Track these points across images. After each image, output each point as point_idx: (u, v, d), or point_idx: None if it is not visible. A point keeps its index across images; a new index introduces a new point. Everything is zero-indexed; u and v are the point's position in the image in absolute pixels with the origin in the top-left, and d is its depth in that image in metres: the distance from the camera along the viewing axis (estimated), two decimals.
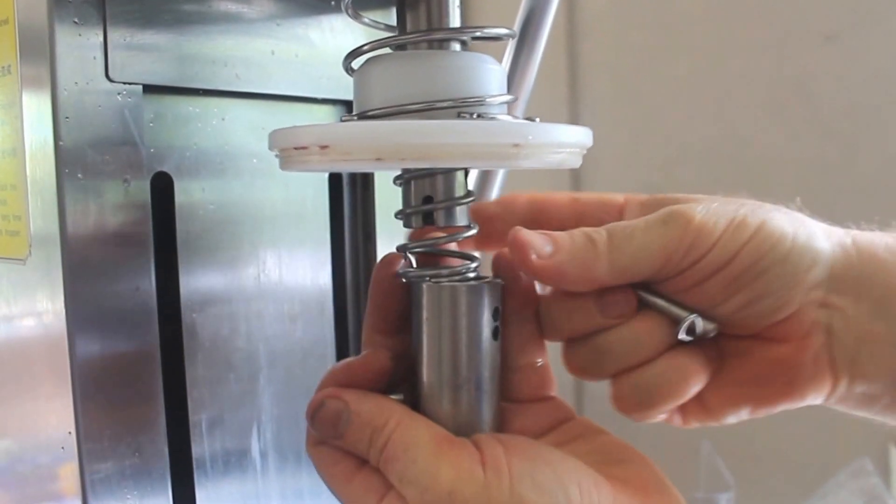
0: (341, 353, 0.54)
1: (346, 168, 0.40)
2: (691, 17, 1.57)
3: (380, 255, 0.54)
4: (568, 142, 0.35)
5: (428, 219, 0.38)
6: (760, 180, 1.52)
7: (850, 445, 1.41)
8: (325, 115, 0.52)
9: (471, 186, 0.58)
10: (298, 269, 0.52)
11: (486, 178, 0.58)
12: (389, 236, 0.55)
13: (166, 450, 0.44)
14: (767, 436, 1.54)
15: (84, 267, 0.41)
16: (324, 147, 0.34)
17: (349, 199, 0.54)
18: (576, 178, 1.71)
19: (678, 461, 1.52)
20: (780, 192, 1.43)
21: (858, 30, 1.43)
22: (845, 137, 1.45)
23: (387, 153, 0.32)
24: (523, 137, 0.33)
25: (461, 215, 0.38)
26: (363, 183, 0.55)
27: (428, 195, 0.38)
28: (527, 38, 0.50)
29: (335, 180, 0.54)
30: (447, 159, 0.32)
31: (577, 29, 1.69)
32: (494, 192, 0.59)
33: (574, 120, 1.69)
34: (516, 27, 0.51)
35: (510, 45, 0.54)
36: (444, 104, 0.36)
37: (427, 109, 0.36)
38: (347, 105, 0.52)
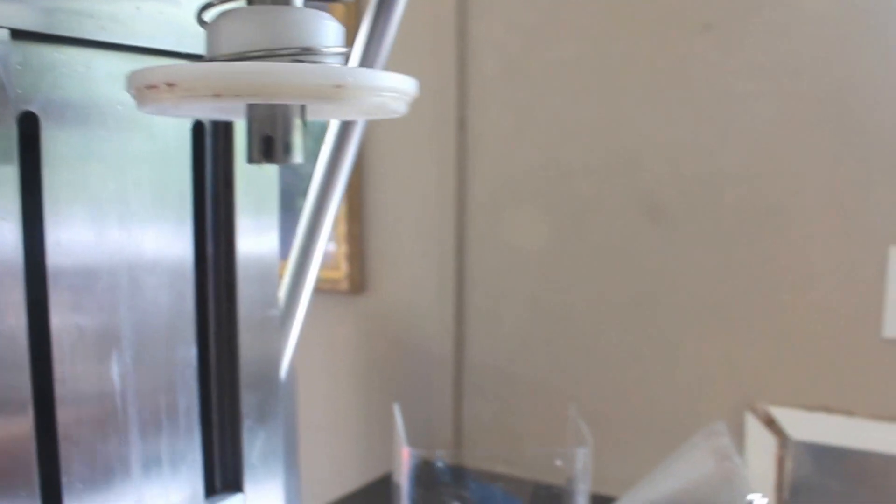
0: (200, 291, 0.58)
1: (194, 107, 0.44)
2: (578, 2, 1.63)
3: (238, 199, 0.59)
4: (387, 86, 0.40)
5: (269, 154, 0.42)
6: (638, 162, 1.60)
7: (710, 411, 1.50)
8: None
9: (331, 138, 0.63)
10: (162, 212, 0.55)
11: (345, 130, 0.63)
12: (248, 183, 0.59)
13: (32, 413, 0.47)
14: (631, 402, 1.62)
15: None
16: (171, 85, 0.38)
17: (211, 147, 0.58)
18: (462, 155, 1.76)
19: (551, 422, 1.59)
20: (656, 173, 1.52)
21: (734, 20, 1.51)
22: (719, 122, 1.53)
23: (224, 89, 0.37)
24: (344, 79, 0.38)
25: (297, 152, 0.42)
26: (225, 134, 0.59)
27: (268, 134, 0.42)
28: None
29: (198, 130, 0.58)
30: (277, 95, 0.37)
31: (467, 9, 1.74)
32: (353, 146, 0.64)
33: (463, 99, 1.75)
34: None
35: (370, 8, 0.58)
36: (282, 52, 0.40)
37: (266, 56, 0.40)
38: None
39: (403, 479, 1.18)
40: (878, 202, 1.40)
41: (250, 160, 0.43)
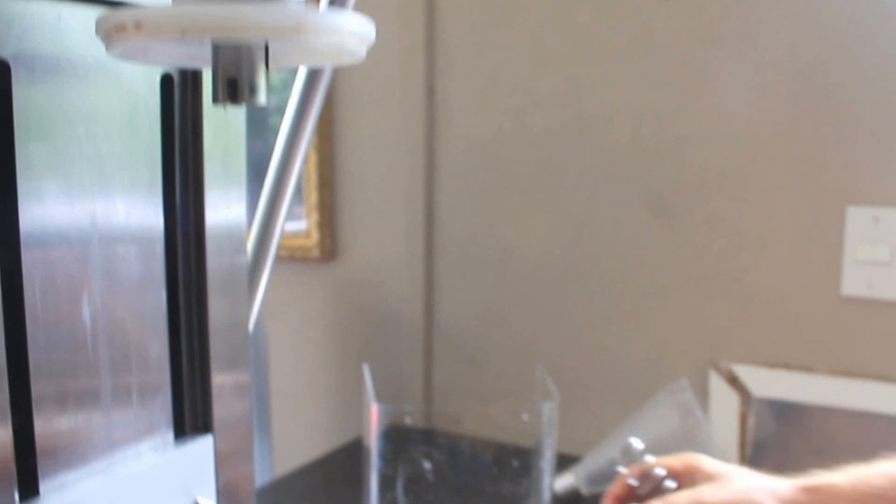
0: (169, 237, 0.60)
1: (161, 50, 0.46)
2: None
3: (207, 148, 0.60)
4: (345, 27, 0.41)
5: (234, 96, 0.44)
6: (601, 127, 1.62)
7: (674, 370, 1.53)
8: None
9: (298, 89, 0.65)
10: (131, 161, 0.57)
11: (313, 80, 0.65)
12: (216, 133, 0.61)
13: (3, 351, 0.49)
14: (597, 363, 1.65)
15: None
16: (138, 25, 0.40)
17: (180, 97, 0.60)
18: (431, 123, 1.78)
19: (519, 383, 1.62)
20: (619, 138, 1.54)
21: None
22: (679, 88, 1.55)
23: (189, 26, 0.39)
24: (304, 18, 0.39)
25: (261, 93, 0.44)
26: (193, 85, 0.60)
27: (233, 76, 0.44)
28: None
29: (167, 82, 0.59)
30: (239, 32, 0.39)
31: None
32: (318, 100, 0.66)
33: (431, 68, 1.76)
34: None
35: None
36: None
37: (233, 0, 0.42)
38: None
39: (373, 436, 1.20)
40: (834, 164, 1.43)
41: (215, 101, 0.45)
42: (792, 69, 1.45)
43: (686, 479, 0.96)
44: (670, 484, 0.97)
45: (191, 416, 0.63)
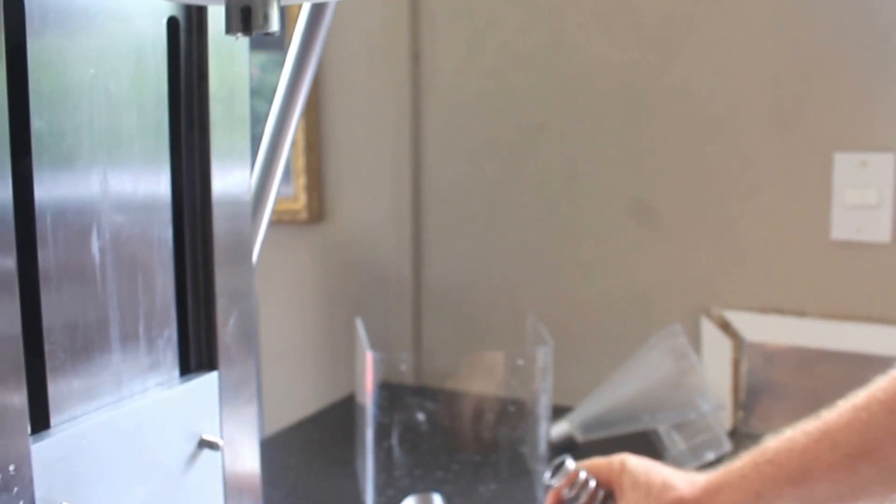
0: (176, 175, 0.60)
1: None
2: None
3: (212, 90, 0.61)
4: None
5: (247, 24, 0.45)
6: (585, 85, 1.63)
7: (665, 318, 1.54)
8: None
9: (303, 20, 0.66)
10: (139, 100, 0.57)
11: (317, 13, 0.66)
12: (220, 75, 0.61)
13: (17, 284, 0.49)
14: (588, 314, 1.66)
15: None
16: None
17: (185, 40, 0.61)
18: (416, 86, 1.78)
19: (510, 337, 1.63)
20: (603, 95, 1.54)
21: None
22: (663, 44, 1.56)
23: None
24: None
25: (274, 20, 0.45)
26: (198, 28, 0.61)
27: (247, 5, 0.45)
28: None
29: (173, 25, 0.60)
30: None
31: None
32: (325, 23, 0.67)
33: (415, 30, 1.76)
34: None
35: None
36: None
37: None
38: None
39: (368, 385, 1.21)
40: (818, 114, 1.45)
41: (228, 31, 0.46)
42: (776, 18, 1.46)
43: (616, 484, 1.00)
44: (601, 493, 1.01)
45: (196, 354, 0.64)
